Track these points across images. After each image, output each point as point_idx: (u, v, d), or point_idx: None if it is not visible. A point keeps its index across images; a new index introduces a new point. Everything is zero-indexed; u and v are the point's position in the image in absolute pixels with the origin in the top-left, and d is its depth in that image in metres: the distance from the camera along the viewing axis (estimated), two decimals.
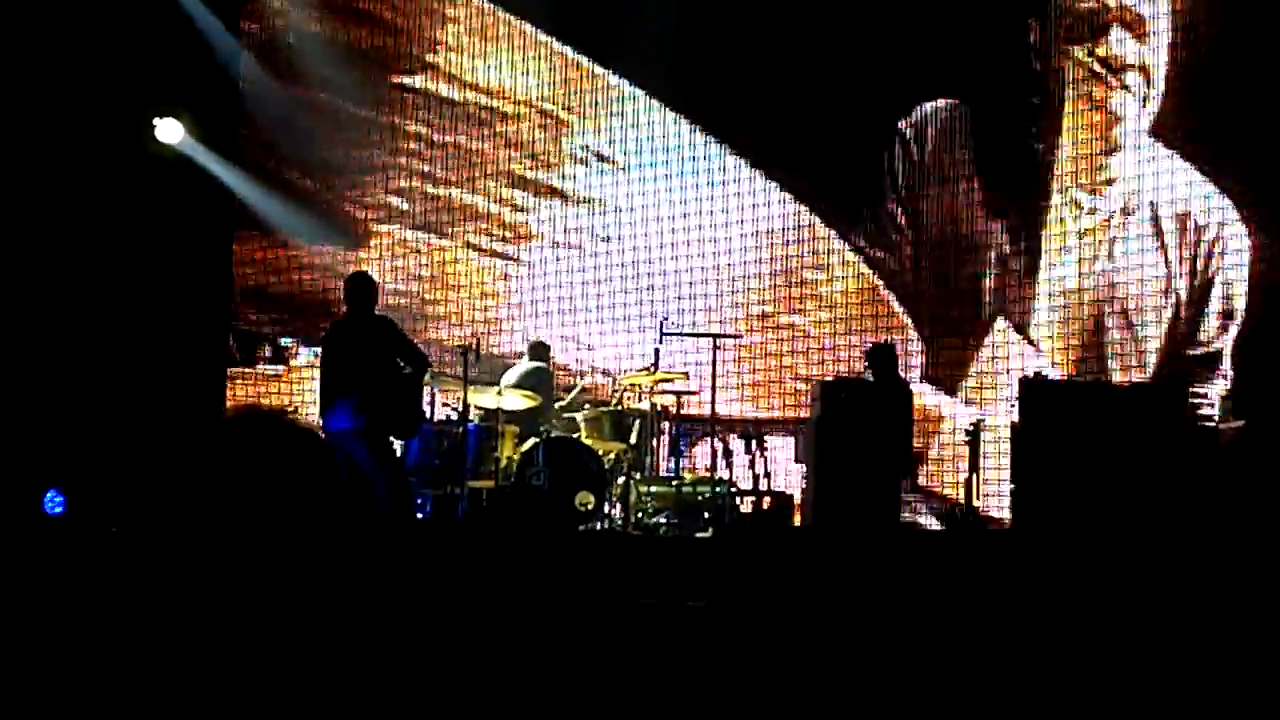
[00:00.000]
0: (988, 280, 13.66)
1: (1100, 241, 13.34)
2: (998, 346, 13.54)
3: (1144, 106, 13.32)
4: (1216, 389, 12.79)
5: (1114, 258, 13.31)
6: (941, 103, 13.86)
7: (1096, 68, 13.47)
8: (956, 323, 13.74)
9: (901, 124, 13.93)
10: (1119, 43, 13.42)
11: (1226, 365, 12.84)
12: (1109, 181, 13.39)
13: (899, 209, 13.95)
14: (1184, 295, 13.09)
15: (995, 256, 13.64)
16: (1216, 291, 13.01)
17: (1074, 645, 6.34)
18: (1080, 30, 13.59)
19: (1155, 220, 13.20)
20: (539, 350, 13.13)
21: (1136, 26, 13.39)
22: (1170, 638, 6.47)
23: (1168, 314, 13.09)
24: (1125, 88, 13.38)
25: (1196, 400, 12.78)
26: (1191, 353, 13.00)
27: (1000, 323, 13.57)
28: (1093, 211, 13.41)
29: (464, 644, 5.78)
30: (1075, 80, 13.54)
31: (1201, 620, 6.71)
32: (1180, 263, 13.11)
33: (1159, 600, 7.18)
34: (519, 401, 12.07)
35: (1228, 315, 12.97)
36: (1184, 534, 9.29)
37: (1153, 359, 13.10)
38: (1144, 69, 13.35)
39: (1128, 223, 13.30)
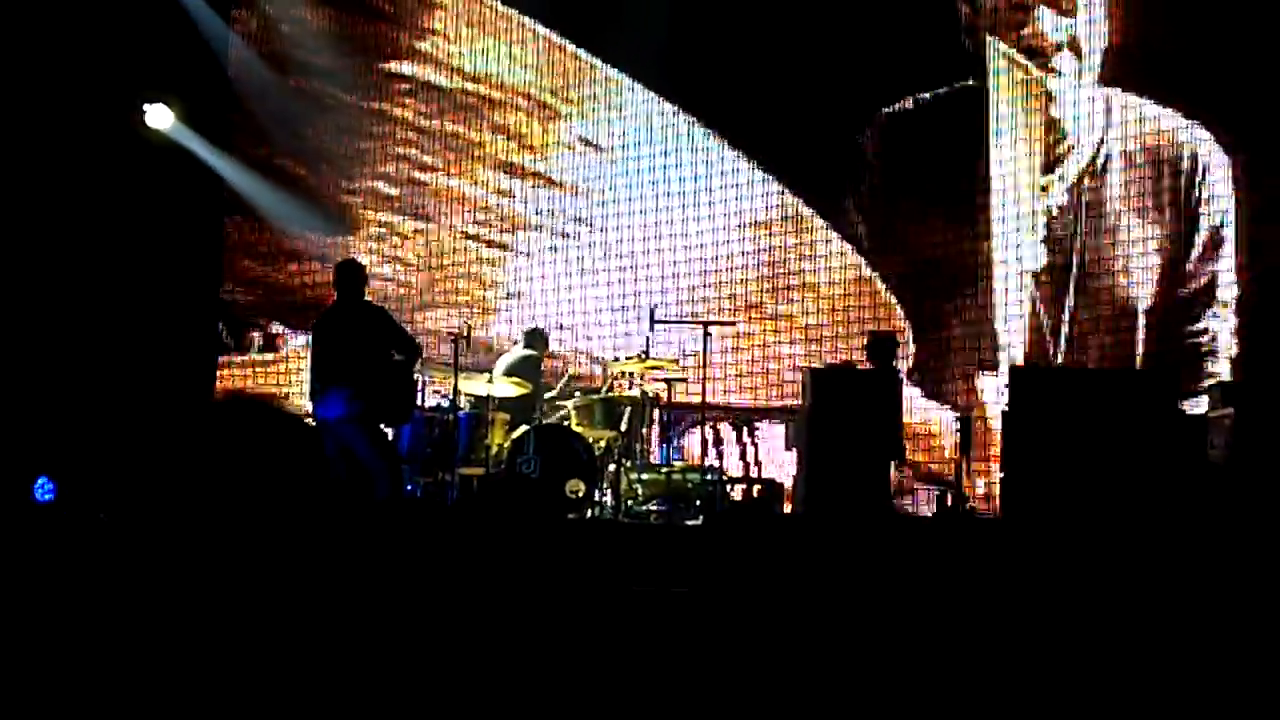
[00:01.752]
0: (965, 267, 13.69)
1: (1074, 214, 13.33)
2: (982, 335, 13.55)
3: (1079, 80, 13.30)
4: (1215, 323, 12.81)
5: (1093, 224, 13.29)
6: (897, 107, 13.87)
7: (1026, 53, 13.44)
8: (938, 312, 13.75)
9: (879, 115, 13.92)
10: (1045, 22, 13.38)
11: (1221, 294, 12.84)
12: (1069, 150, 13.37)
13: (875, 199, 13.96)
14: (1171, 233, 13.06)
15: (972, 244, 13.65)
16: (1202, 220, 12.99)
17: (1063, 634, 6.35)
18: (1005, 18, 13.55)
19: (1126, 173, 13.18)
20: (533, 338, 13.11)
21: (1061, 2, 13.36)
22: (1160, 627, 6.48)
23: (1160, 259, 13.05)
24: (1055, 71, 13.35)
25: (1197, 340, 12.80)
26: (1183, 292, 12.99)
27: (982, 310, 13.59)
28: (1060, 181, 13.38)
29: (452, 630, 5.78)
30: (1008, 64, 13.51)
31: (1191, 610, 6.73)
32: (1165, 208, 13.09)
33: (1148, 589, 7.19)
34: (509, 389, 12.07)
35: (1216, 243, 12.95)
36: (1173, 521, 9.31)
37: (1142, 319, 13.08)
38: (1073, 44, 13.31)
39: (1098, 187, 13.27)
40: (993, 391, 13.19)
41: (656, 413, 12.35)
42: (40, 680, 4.51)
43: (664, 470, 11.92)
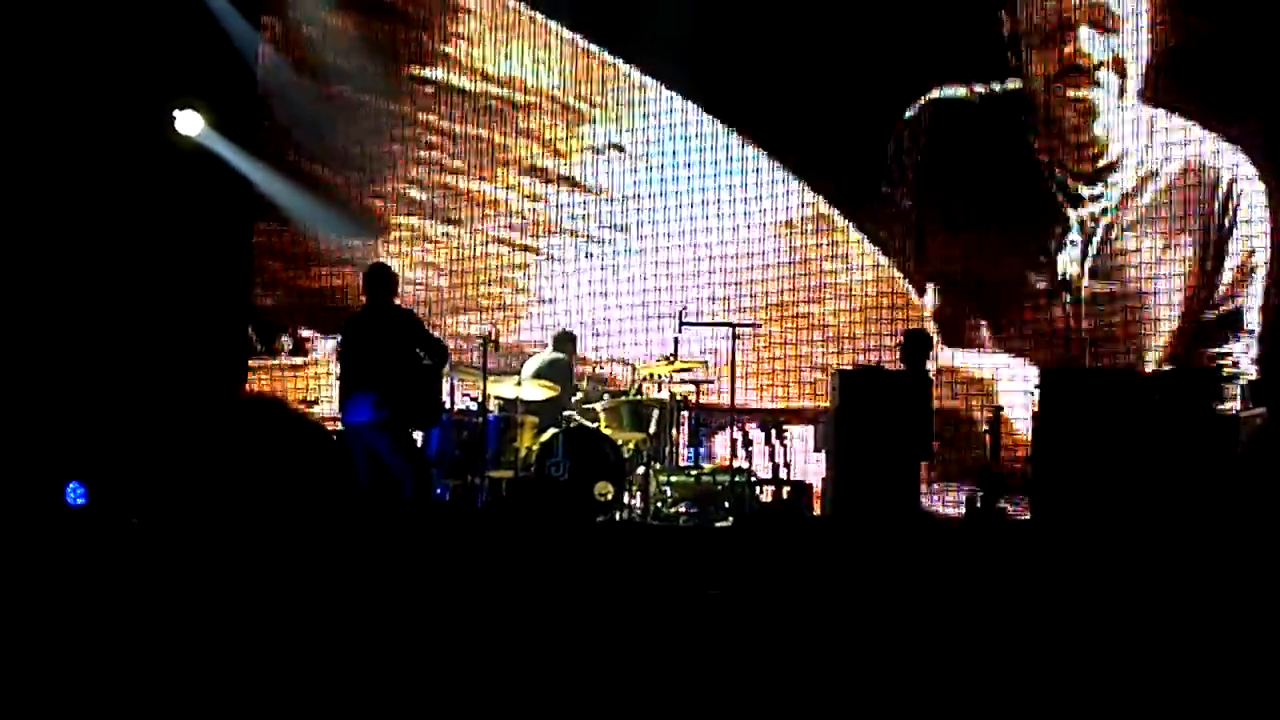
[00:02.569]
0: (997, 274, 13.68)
1: (1109, 227, 13.31)
2: (1010, 340, 13.53)
3: (1120, 98, 13.26)
4: (1239, 347, 12.77)
5: (1124, 242, 13.27)
6: (943, 93, 13.84)
7: (1070, 70, 13.41)
8: (968, 317, 13.74)
9: (907, 114, 13.90)
10: (1088, 40, 13.34)
11: (1248, 321, 12.80)
12: (1109, 166, 13.35)
13: (907, 200, 13.93)
14: (1201, 257, 13.03)
15: (1004, 250, 13.63)
16: (1233, 246, 12.94)
17: (1092, 638, 6.33)
18: (1048, 34, 13.51)
19: (1161, 194, 13.15)
20: (562, 341, 13.11)
21: (1104, 20, 13.30)
22: (1191, 631, 6.46)
23: (1187, 282, 13.02)
24: (1098, 84, 13.31)
25: (1220, 362, 12.75)
26: (1209, 315, 12.95)
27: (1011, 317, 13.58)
28: (1095, 198, 13.37)
29: (480, 633, 5.80)
30: (1049, 76, 13.48)
31: (1222, 614, 6.70)
32: (1198, 231, 13.05)
33: (1178, 593, 7.16)
34: (538, 392, 12.07)
35: (1248, 269, 12.90)
36: (1206, 524, 9.27)
37: (1165, 339, 13.06)
38: (1117, 62, 13.26)
39: (1133, 205, 13.25)
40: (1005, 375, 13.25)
41: (685, 415, 12.35)
42: (72, 685, 4.54)
43: (693, 472, 11.92)
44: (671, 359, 12.02)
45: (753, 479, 12.02)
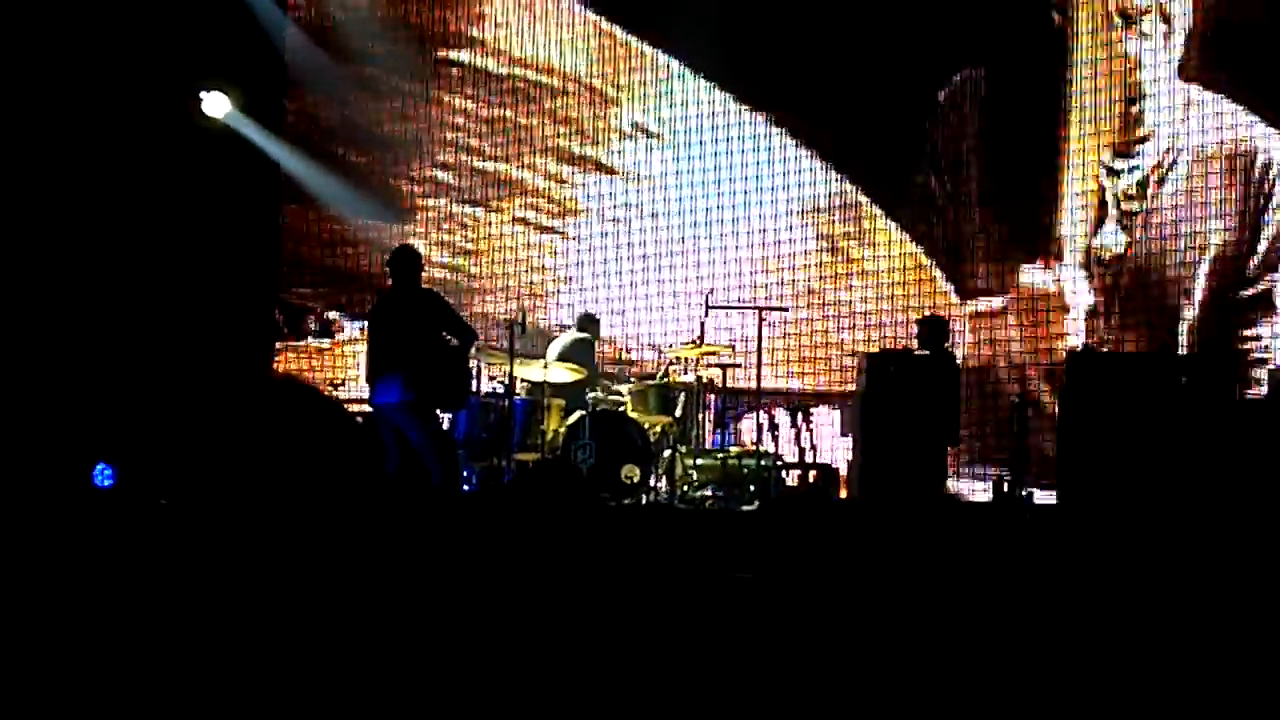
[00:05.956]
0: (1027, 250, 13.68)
1: (1139, 204, 13.26)
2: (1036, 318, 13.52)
3: (1165, 43, 13.22)
4: (1267, 331, 12.75)
5: (1155, 219, 13.23)
6: (976, 71, 13.80)
7: (1113, 15, 13.38)
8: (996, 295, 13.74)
9: (940, 95, 13.87)
10: None
11: (1278, 302, 12.79)
12: (1142, 139, 13.30)
13: (939, 181, 13.90)
14: (1232, 238, 12.99)
15: (1034, 226, 13.62)
16: (1267, 227, 12.92)
17: (1117, 621, 6.32)
18: None
19: (1195, 169, 13.10)
20: (586, 322, 13.13)
21: None
22: (1214, 614, 6.44)
23: (1220, 259, 12.98)
24: (1143, 34, 13.28)
25: (1249, 345, 12.74)
26: (1241, 294, 12.92)
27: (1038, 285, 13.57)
28: (1130, 171, 13.32)
29: (504, 617, 5.81)
30: (1093, 29, 13.44)
31: (1246, 598, 6.68)
32: (1231, 209, 13.01)
33: (1201, 579, 7.14)
34: (565, 375, 12.08)
35: (1278, 252, 12.90)
36: (1231, 506, 9.24)
37: (1195, 314, 13.03)
38: (1162, 9, 13.24)
39: (1166, 181, 13.20)
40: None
41: (711, 398, 12.34)
42: (103, 660, 4.56)
43: (719, 456, 11.91)
44: (698, 342, 12.01)
45: (779, 462, 12.01)
